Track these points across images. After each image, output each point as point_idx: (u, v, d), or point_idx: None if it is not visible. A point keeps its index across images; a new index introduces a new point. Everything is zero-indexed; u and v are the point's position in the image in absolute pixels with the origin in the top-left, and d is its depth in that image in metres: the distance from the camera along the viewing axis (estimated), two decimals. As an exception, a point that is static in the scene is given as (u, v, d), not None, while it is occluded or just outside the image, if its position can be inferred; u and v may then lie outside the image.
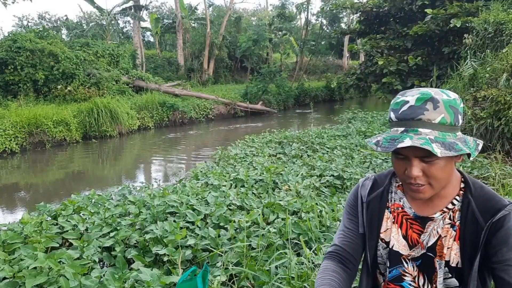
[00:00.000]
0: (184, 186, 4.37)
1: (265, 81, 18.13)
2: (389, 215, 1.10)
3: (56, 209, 3.62)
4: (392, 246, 1.07)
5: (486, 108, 6.42)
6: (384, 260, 1.09)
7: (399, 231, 1.07)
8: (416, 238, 1.04)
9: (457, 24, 10.88)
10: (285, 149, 7.08)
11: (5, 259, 2.51)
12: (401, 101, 0.94)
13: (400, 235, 1.06)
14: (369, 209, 1.13)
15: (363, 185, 1.17)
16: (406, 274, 1.06)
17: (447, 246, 1.00)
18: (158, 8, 33.46)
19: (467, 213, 0.99)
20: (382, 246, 1.09)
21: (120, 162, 10.16)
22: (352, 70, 17.51)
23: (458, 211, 1.01)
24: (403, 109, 0.93)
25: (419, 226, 1.04)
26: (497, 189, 4.05)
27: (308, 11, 23.94)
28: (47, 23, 30.21)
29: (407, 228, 1.06)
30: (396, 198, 1.11)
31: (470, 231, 0.97)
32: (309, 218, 3.12)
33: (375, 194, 1.13)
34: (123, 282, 2.27)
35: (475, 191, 1.00)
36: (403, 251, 1.06)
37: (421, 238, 1.03)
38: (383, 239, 1.09)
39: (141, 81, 16.72)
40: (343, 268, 1.12)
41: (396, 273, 1.07)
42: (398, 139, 0.90)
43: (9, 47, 13.33)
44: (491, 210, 0.95)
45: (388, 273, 1.09)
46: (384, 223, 1.10)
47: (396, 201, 1.11)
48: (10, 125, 10.39)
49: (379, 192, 1.13)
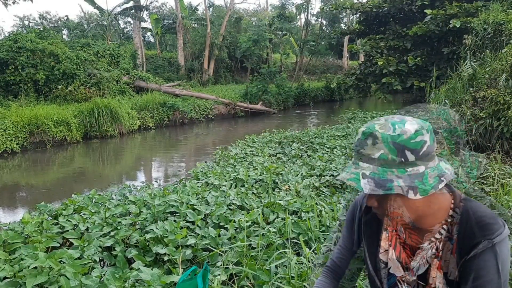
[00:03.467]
0: (184, 186, 4.38)
1: (265, 81, 18.13)
2: (386, 236, 1.09)
3: (56, 209, 3.64)
4: (389, 268, 1.07)
5: (485, 108, 6.43)
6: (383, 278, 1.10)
7: (393, 253, 1.07)
8: (408, 263, 1.04)
9: (456, 24, 10.89)
10: (285, 149, 7.09)
11: (5, 258, 2.52)
12: (358, 132, 0.97)
13: (395, 257, 1.06)
14: (367, 228, 1.13)
15: (361, 204, 1.17)
16: None
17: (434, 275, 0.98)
18: (158, 8, 33.49)
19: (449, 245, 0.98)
20: (382, 266, 1.10)
21: (120, 162, 10.17)
22: (351, 71, 17.53)
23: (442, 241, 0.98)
24: (355, 140, 0.95)
25: (410, 252, 1.04)
26: (496, 189, 4.06)
27: (308, 12, 23.96)
28: (48, 23, 30.26)
29: (401, 252, 1.06)
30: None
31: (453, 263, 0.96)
32: (309, 217, 3.13)
33: (372, 214, 1.12)
34: (124, 282, 2.28)
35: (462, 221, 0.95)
36: (397, 273, 1.06)
37: (411, 265, 1.02)
38: (381, 260, 1.09)
39: (141, 81, 16.73)
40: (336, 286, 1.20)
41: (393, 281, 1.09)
42: (343, 171, 0.94)
43: (10, 47, 13.35)
44: (467, 247, 0.92)
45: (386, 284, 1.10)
46: (383, 244, 1.09)
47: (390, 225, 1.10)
48: (11, 125, 10.40)
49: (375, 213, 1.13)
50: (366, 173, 0.88)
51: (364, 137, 0.91)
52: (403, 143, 0.87)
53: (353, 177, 0.89)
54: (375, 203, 0.95)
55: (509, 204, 3.16)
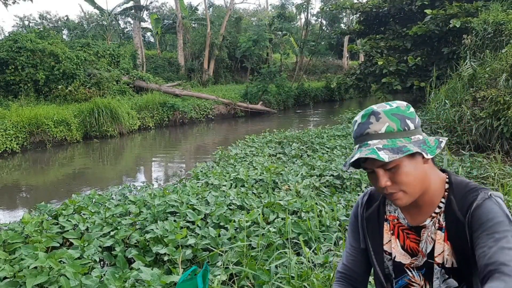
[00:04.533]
0: (184, 186, 4.38)
1: (265, 81, 18.13)
2: (388, 226, 1.12)
3: (56, 209, 3.64)
4: (394, 257, 1.09)
5: (485, 108, 6.43)
6: (390, 272, 1.11)
7: (397, 242, 1.09)
8: (415, 247, 1.06)
9: (456, 24, 10.88)
10: (285, 149, 7.09)
11: (5, 258, 2.52)
12: (354, 121, 1.03)
13: (399, 246, 1.08)
14: (369, 224, 1.16)
15: (361, 202, 1.22)
16: (413, 283, 1.07)
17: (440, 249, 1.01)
18: (158, 8, 33.52)
19: (449, 213, 1.01)
20: (387, 258, 1.11)
21: (120, 162, 10.17)
22: (351, 70, 17.53)
23: (443, 212, 1.02)
24: (355, 128, 1.01)
25: (415, 235, 1.06)
26: (496, 189, 4.06)
27: (308, 12, 23.95)
28: (48, 23, 30.27)
29: (405, 239, 1.08)
30: (391, 210, 1.14)
31: (455, 230, 0.98)
32: (309, 217, 3.13)
33: (373, 209, 1.16)
34: (124, 282, 2.28)
35: (456, 190, 1.02)
36: (404, 260, 1.07)
37: (420, 246, 1.05)
38: (386, 251, 1.11)
39: (141, 81, 16.74)
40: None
41: (402, 283, 1.09)
42: (352, 156, 0.97)
43: (10, 47, 13.35)
44: (466, 205, 0.97)
45: (395, 284, 1.10)
46: (385, 235, 1.12)
47: (392, 213, 1.13)
48: (11, 125, 10.41)
49: (376, 206, 1.16)
50: (379, 146, 0.94)
51: (366, 118, 0.99)
52: (401, 113, 0.97)
53: (369, 152, 0.93)
54: (388, 181, 0.97)
55: (509, 204, 3.16)
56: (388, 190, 0.98)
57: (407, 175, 0.96)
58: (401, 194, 0.98)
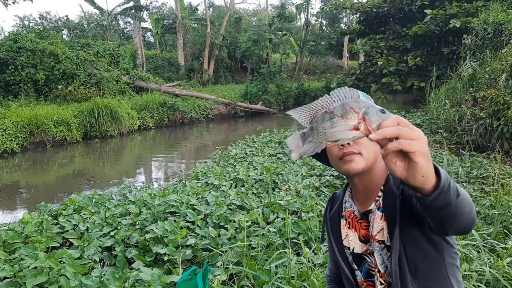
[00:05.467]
0: (184, 186, 4.39)
1: (265, 81, 18.13)
2: (344, 222, 1.17)
3: (56, 209, 3.64)
4: (353, 249, 1.13)
5: (485, 108, 6.43)
6: (353, 264, 1.15)
7: (355, 234, 1.13)
8: (367, 233, 1.09)
9: (456, 24, 10.89)
10: (285, 149, 7.09)
11: (5, 258, 2.52)
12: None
13: (356, 237, 1.13)
14: (332, 223, 1.22)
15: (327, 204, 1.28)
16: (373, 269, 1.10)
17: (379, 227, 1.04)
18: (158, 8, 33.50)
19: (387, 192, 1.04)
20: (347, 253, 1.16)
21: (120, 162, 10.17)
22: (351, 70, 17.52)
23: (383, 193, 1.06)
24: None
25: (365, 222, 1.10)
26: (496, 189, 4.06)
27: (308, 12, 23.94)
28: (48, 23, 30.27)
29: (359, 229, 1.12)
30: (347, 206, 1.18)
31: (390, 205, 1.01)
32: (309, 217, 3.13)
33: (334, 209, 1.22)
34: (124, 282, 2.28)
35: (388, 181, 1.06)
36: (359, 250, 1.12)
37: (369, 231, 1.08)
38: (346, 246, 1.16)
39: (141, 81, 16.73)
40: None
41: (365, 269, 1.13)
42: None
43: (10, 47, 13.35)
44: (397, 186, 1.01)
45: (361, 272, 1.14)
46: (342, 231, 1.17)
47: (347, 208, 1.18)
48: (11, 125, 10.41)
49: (336, 206, 1.21)
50: None
51: None
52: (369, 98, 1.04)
53: None
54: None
55: (509, 204, 3.16)
56: (348, 149, 1.02)
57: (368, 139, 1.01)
58: (358, 157, 1.02)
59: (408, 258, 0.97)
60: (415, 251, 0.97)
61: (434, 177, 0.70)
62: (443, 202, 0.73)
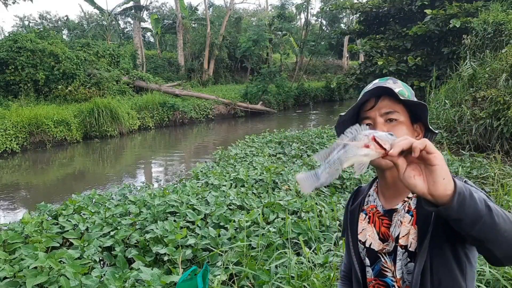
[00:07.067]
0: (184, 186, 4.38)
1: (265, 81, 18.13)
2: (364, 216, 1.15)
3: (56, 209, 3.64)
4: (369, 244, 1.11)
5: (485, 108, 6.43)
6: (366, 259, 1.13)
7: (374, 229, 1.10)
8: (387, 232, 1.07)
9: (456, 24, 10.88)
10: (285, 149, 7.09)
11: (5, 258, 2.52)
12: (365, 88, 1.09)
13: (375, 233, 1.10)
14: (352, 217, 1.19)
15: (350, 197, 1.26)
16: (386, 269, 1.07)
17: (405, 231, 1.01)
18: (158, 8, 33.48)
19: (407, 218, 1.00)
20: (361, 248, 1.13)
21: (120, 162, 10.17)
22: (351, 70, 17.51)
23: (415, 197, 1.02)
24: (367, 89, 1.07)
25: (388, 219, 1.07)
26: (496, 189, 4.06)
27: (308, 12, 23.96)
28: (48, 23, 30.26)
29: (380, 225, 1.09)
30: (371, 200, 1.16)
31: (424, 213, 0.97)
32: (309, 217, 3.14)
33: (357, 202, 1.20)
34: (124, 282, 2.28)
35: None
36: (377, 247, 1.09)
37: (390, 230, 1.05)
38: (360, 240, 1.14)
39: (141, 81, 16.74)
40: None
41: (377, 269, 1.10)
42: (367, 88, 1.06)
43: (10, 47, 13.35)
44: None
45: (372, 270, 1.12)
46: (359, 225, 1.15)
47: (371, 203, 1.15)
48: (11, 125, 10.41)
49: (360, 200, 1.19)
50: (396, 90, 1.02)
51: (383, 80, 1.08)
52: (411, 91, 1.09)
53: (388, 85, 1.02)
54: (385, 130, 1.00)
55: (509, 204, 3.16)
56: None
57: (403, 131, 1.02)
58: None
59: (433, 271, 0.95)
60: (441, 266, 0.95)
61: (452, 181, 0.72)
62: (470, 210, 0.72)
